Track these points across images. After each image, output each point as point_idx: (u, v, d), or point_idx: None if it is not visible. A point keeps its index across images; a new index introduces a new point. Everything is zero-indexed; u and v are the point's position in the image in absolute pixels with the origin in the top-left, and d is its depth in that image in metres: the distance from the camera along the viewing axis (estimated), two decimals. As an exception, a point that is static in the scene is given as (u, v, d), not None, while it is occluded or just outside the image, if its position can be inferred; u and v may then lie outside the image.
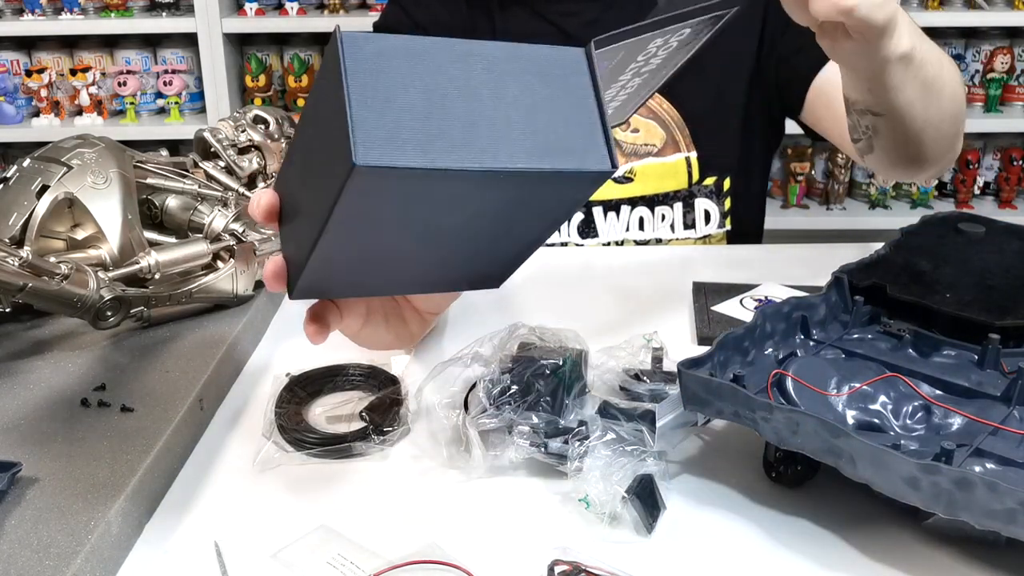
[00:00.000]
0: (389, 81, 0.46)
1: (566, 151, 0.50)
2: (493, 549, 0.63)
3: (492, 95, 0.48)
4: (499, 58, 0.49)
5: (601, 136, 0.51)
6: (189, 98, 2.49)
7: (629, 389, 0.77)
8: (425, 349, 0.86)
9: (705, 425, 0.74)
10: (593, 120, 0.51)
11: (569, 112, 0.51)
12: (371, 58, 0.46)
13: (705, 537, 0.64)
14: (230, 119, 1.00)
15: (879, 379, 0.70)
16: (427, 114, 0.46)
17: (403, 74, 0.46)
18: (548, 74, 0.50)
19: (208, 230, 0.90)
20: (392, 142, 0.45)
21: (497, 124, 0.48)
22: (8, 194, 0.84)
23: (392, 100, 0.46)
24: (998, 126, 2.45)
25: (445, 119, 0.47)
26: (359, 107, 0.45)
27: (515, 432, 0.70)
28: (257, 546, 0.63)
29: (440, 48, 0.48)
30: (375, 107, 0.45)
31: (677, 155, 1.20)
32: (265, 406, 0.78)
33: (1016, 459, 0.62)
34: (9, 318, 0.86)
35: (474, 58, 0.49)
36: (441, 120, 0.47)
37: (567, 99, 0.51)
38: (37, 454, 0.66)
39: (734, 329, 0.72)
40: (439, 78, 0.47)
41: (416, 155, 0.46)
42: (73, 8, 2.41)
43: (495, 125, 0.48)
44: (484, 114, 0.48)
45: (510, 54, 0.50)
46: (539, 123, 0.49)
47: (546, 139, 0.49)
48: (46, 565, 0.55)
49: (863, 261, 0.84)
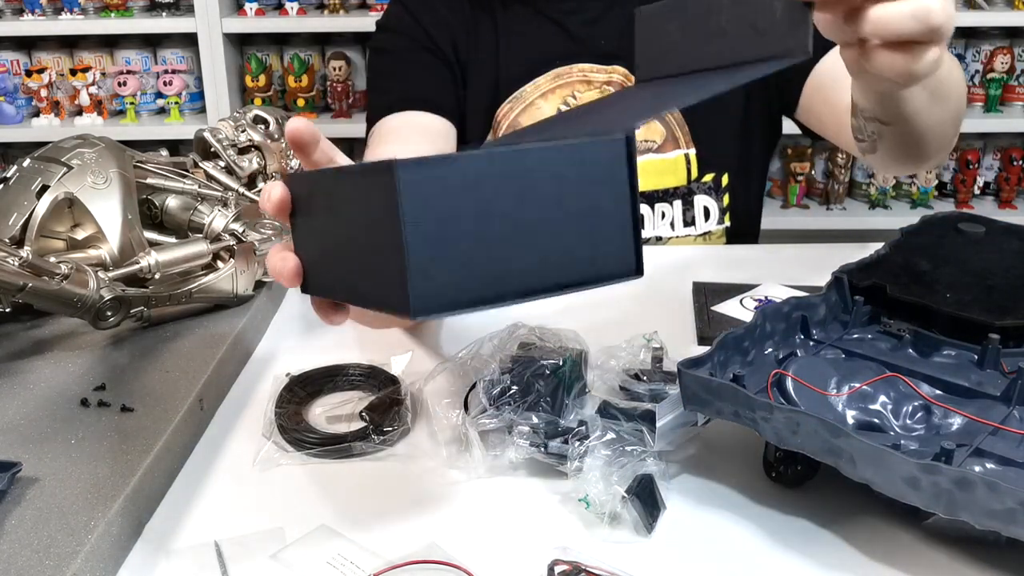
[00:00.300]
0: (441, 214, 0.46)
1: (600, 259, 0.52)
2: (493, 549, 0.63)
3: (535, 209, 0.49)
4: (542, 163, 0.49)
5: (631, 240, 0.53)
6: (189, 98, 2.49)
7: (629, 389, 0.77)
8: (425, 349, 0.86)
9: (705, 425, 0.74)
10: (626, 221, 0.53)
11: (605, 213, 0.52)
12: (425, 194, 0.46)
13: (705, 537, 0.64)
14: (230, 119, 1.00)
15: (879, 379, 0.70)
16: (475, 246, 0.48)
17: (453, 204, 0.47)
18: (589, 172, 0.51)
19: (208, 230, 0.90)
20: (445, 285, 0.47)
21: (539, 242, 0.49)
22: (8, 194, 0.84)
23: (444, 236, 0.47)
24: (998, 126, 2.45)
25: (491, 247, 0.48)
26: (415, 251, 0.46)
27: (515, 432, 0.70)
28: (257, 546, 0.63)
29: (486, 168, 0.48)
30: (429, 247, 0.46)
31: (676, 152, 1.20)
32: (265, 406, 0.78)
33: (1016, 459, 0.62)
34: (9, 318, 0.86)
35: (517, 169, 0.49)
36: (488, 249, 0.48)
37: (605, 197, 0.52)
38: (37, 454, 0.66)
39: (734, 329, 0.72)
40: (486, 203, 0.48)
41: (465, 293, 0.48)
42: (73, 8, 2.41)
43: (536, 244, 0.49)
44: (527, 233, 0.49)
45: (553, 157, 0.50)
46: (578, 230, 0.51)
47: (582, 248, 0.51)
48: (46, 565, 0.55)
49: (863, 261, 0.84)
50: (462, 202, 0.47)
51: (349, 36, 2.47)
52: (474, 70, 1.20)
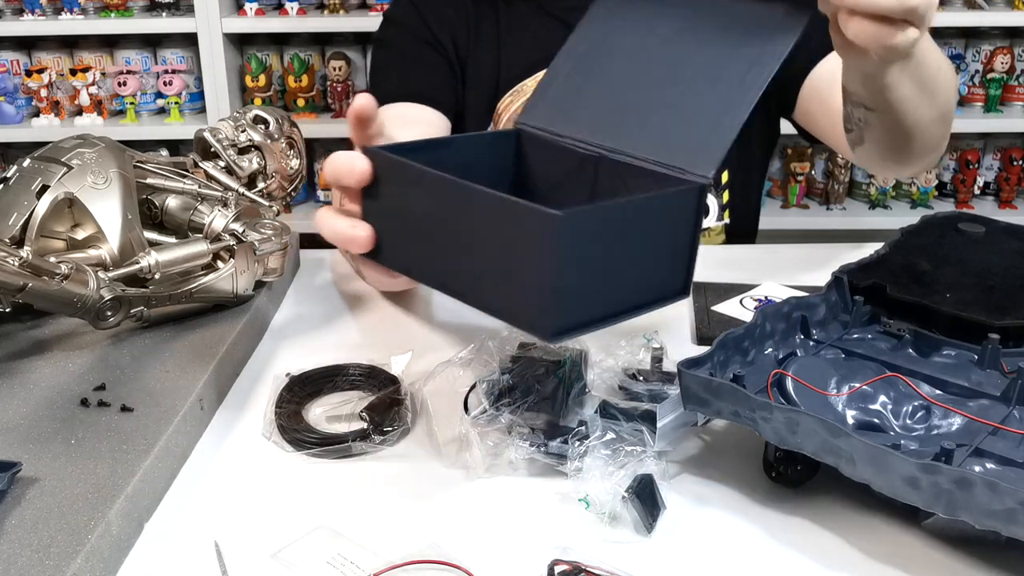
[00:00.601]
0: (576, 255, 0.54)
1: (661, 282, 0.61)
2: (493, 549, 0.63)
3: (631, 243, 0.57)
4: (642, 209, 0.58)
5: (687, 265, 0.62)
6: (189, 98, 2.49)
7: (629, 389, 0.77)
8: (425, 349, 0.86)
9: (705, 425, 0.74)
10: (687, 250, 0.61)
11: (674, 243, 0.61)
12: (572, 241, 0.53)
13: (705, 537, 0.64)
14: (230, 119, 1.00)
15: (879, 379, 0.70)
16: (590, 278, 0.55)
17: (584, 246, 0.54)
18: (670, 213, 0.60)
19: (208, 230, 0.90)
20: (570, 311, 0.55)
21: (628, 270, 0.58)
22: (8, 194, 0.84)
23: (575, 273, 0.54)
24: (998, 126, 2.44)
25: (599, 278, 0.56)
26: (558, 287, 0.53)
27: (515, 432, 0.70)
28: (257, 546, 0.63)
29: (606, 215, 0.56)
30: (565, 282, 0.54)
31: None
32: (265, 406, 0.78)
33: (1016, 459, 0.62)
34: (9, 318, 0.86)
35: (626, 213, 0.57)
36: (596, 280, 0.56)
37: (679, 230, 0.60)
38: (37, 454, 0.66)
39: (734, 329, 0.72)
40: (600, 242, 0.55)
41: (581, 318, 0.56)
42: (73, 8, 2.40)
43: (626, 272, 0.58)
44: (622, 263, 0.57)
45: (650, 204, 0.59)
46: (654, 258, 0.60)
47: (656, 274, 0.61)
48: (46, 565, 0.55)
49: (863, 261, 0.84)
50: (590, 243, 0.54)
51: (349, 36, 2.47)
52: (474, 66, 1.21)
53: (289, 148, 1.03)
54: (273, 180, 1.01)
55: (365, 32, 2.41)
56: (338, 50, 2.44)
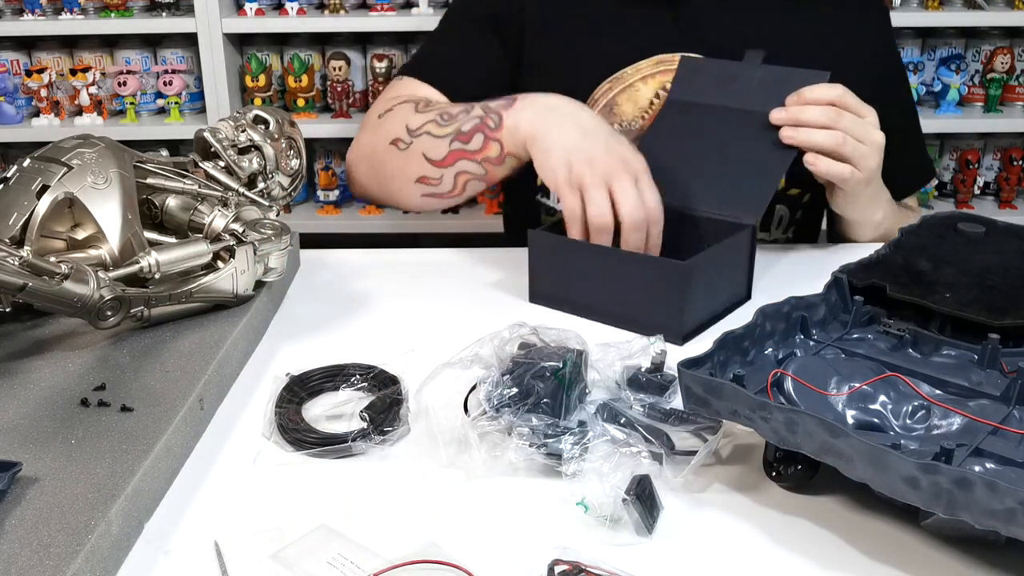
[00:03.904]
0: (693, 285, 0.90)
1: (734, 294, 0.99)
2: (493, 549, 0.63)
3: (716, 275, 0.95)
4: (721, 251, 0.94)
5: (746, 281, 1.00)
6: (189, 98, 2.49)
7: (629, 389, 0.77)
8: (425, 349, 0.86)
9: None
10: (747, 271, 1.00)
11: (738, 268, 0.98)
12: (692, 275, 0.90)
13: (705, 537, 0.64)
14: (230, 119, 1.00)
15: (879, 379, 0.70)
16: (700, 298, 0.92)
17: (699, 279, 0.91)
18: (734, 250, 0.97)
19: (208, 230, 0.90)
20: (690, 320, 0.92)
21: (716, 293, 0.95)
22: (8, 194, 0.84)
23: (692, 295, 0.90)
24: (998, 126, 2.44)
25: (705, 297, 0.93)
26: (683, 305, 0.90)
27: (515, 433, 0.70)
28: (257, 546, 0.63)
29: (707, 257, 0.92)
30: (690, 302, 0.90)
31: None
32: (265, 406, 0.78)
33: (1016, 459, 0.62)
34: (9, 318, 0.86)
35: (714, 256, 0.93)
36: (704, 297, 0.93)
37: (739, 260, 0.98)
38: (37, 454, 0.66)
39: (734, 329, 0.72)
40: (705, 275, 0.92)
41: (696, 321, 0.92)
42: (73, 8, 2.40)
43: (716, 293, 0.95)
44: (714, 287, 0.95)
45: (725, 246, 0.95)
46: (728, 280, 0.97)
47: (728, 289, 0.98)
48: (46, 565, 0.55)
49: (863, 261, 0.84)
50: (700, 277, 0.90)
51: (349, 36, 2.47)
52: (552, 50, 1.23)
53: (289, 148, 1.03)
54: (273, 180, 1.01)
55: (365, 32, 2.40)
56: (338, 50, 2.44)
